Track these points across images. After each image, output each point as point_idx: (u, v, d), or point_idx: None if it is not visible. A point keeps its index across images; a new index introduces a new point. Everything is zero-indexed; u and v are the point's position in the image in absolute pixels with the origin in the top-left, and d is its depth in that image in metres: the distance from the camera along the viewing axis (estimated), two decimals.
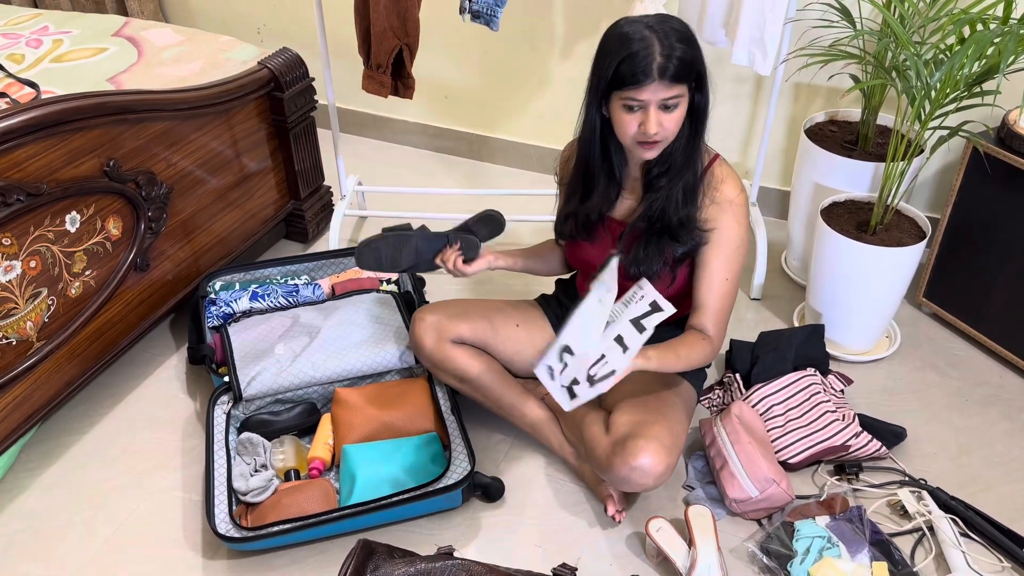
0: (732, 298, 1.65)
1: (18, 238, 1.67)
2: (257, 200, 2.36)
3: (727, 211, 1.60)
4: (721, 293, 1.62)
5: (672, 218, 1.58)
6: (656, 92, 1.44)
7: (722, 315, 1.64)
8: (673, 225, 1.59)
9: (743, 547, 1.67)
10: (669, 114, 1.47)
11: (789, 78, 2.44)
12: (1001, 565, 1.64)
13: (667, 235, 1.60)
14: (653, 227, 1.61)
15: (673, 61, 1.41)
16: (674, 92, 1.45)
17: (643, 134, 1.48)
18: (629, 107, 1.46)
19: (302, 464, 1.81)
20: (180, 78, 2.14)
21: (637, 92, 1.44)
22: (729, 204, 1.60)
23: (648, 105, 1.45)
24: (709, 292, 1.62)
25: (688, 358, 1.58)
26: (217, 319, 2.07)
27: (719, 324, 1.63)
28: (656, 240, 1.61)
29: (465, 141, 3.03)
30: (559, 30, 2.66)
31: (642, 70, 1.41)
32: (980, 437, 1.92)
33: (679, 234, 1.59)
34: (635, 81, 1.42)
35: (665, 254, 1.61)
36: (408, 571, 1.45)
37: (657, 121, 1.46)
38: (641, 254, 1.62)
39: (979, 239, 2.06)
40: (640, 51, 1.41)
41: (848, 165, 2.12)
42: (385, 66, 2.15)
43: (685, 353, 1.58)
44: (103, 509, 1.78)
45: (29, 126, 1.63)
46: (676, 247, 1.60)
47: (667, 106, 1.46)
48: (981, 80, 1.79)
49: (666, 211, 1.58)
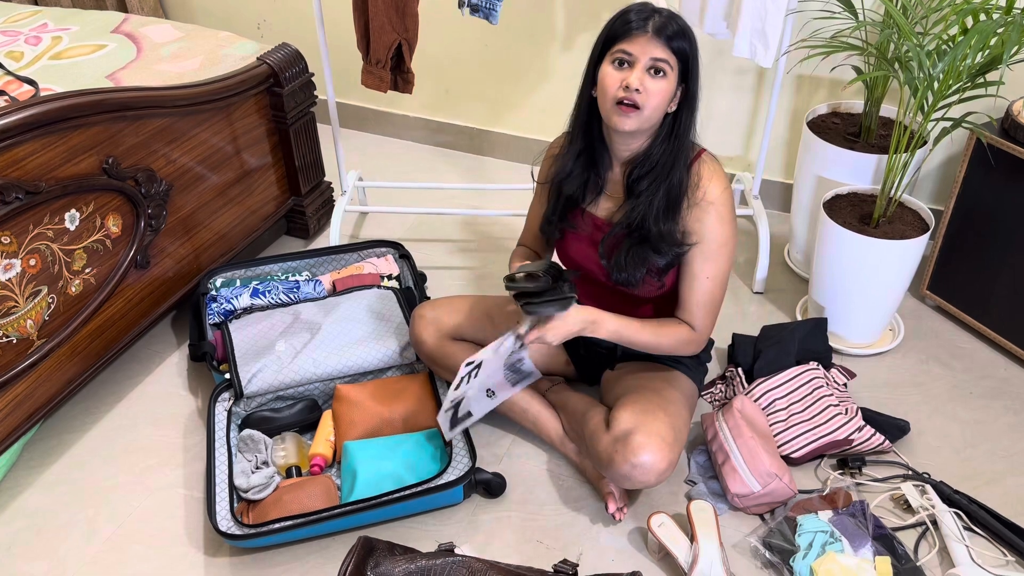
0: (717, 295, 1.63)
1: (17, 236, 1.67)
2: (257, 196, 2.36)
3: (709, 212, 1.56)
4: (703, 291, 1.61)
5: (652, 229, 1.56)
6: (647, 47, 1.43)
7: (706, 311, 1.63)
8: (652, 236, 1.56)
9: (745, 542, 1.66)
10: (654, 80, 1.45)
11: (791, 70, 2.42)
12: (1005, 559, 1.63)
13: (647, 244, 1.58)
14: (633, 235, 1.59)
15: (670, 24, 1.44)
16: (665, 55, 1.44)
17: (625, 89, 1.45)
18: (619, 62, 1.46)
19: (303, 461, 1.81)
20: (179, 74, 2.14)
21: (628, 44, 1.45)
22: (711, 205, 1.56)
23: (636, 61, 1.45)
24: (691, 291, 1.62)
25: (660, 334, 1.62)
26: (218, 316, 2.07)
27: (704, 320, 1.63)
28: (637, 248, 1.59)
29: (466, 135, 3.02)
30: (559, 24, 2.64)
31: (636, 23, 1.44)
32: (984, 431, 1.91)
33: (659, 246, 1.57)
34: (627, 31, 1.45)
35: (647, 263, 1.59)
36: (409, 568, 1.45)
37: (641, 79, 1.44)
38: (623, 261, 1.60)
39: (983, 231, 2.05)
40: (637, 8, 1.45)
41: (851, 157, 2.11)
42: (384, 61, 2.14)
43: (659, 330, 1.63)
44: (105, 507, 1.78)
45: (28, 124, 1.63)
46: (657, 259, 1.59)
47: (656, 69, 1.45)
48: (984, 71, 1.78)
49: (646, 221, 1.56)
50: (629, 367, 1.80)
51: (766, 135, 2.30)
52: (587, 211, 1.66)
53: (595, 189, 1.64)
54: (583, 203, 1.66)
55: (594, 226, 1.66)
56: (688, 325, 1.64)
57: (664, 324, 1.64)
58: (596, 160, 1.62)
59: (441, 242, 2.57)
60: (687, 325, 1.64)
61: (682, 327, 1.64)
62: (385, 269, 2.24)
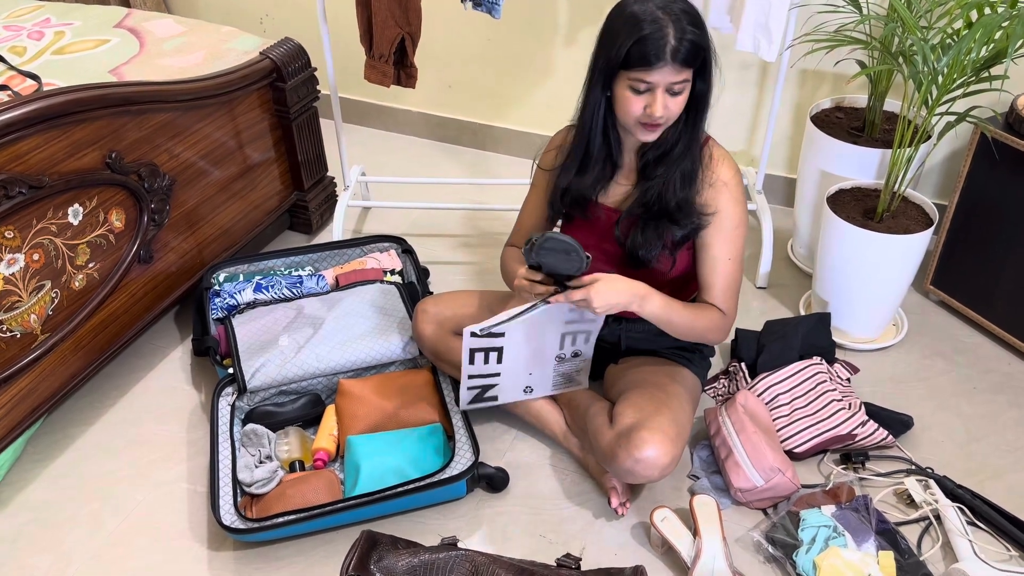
0: (738, 276, 1.66)
1: (21, 231, 1.67)
2: (260, 191, 2.36)
3: (723, 193, 1.60)
4: (726, 272, 1.63)
5: (670, 201, 1.58)
6: (666, 75, 1.43)
7: (730, 292, 1.65)
8: (671, 208, 1.59)
9: (748, 536, 1.66)
10: (674, 98, 1.47)
11: (795, 64, 2.41)
12: (1009, 554, 1.63)
13: (665, 218, 1.60)
14: (651, 211, 1.61)
15: (685, 44, 1.41)
16: (683, 76, 1.45)
17: (648, 116, 1.47)
18: (636, 89, 1.46)
19: (307, 455, 1.81)
20: (182, 69, 2.14)
21: (647, 74, 1.43)
22: (724, 185, 1.60)
23: (656, 87, 1.45)
24: (714, 273, 1.64)
25: (697, 317, 1.62)
26: (221, 311, 2.07)
27: (728, 301, 1.65)
28: (655, 224, 1.61)
29: (468, 130, 3.02)
30: (562, 18, 2.64)
31: (655, 52, 1.41)
32: (988, 425, 1.91)
33: (678, 217, 1.60)
34: (647, 63, 1.42)
35: (664, 238, 1.61)
36: (412, 562, 1.45)
37: (663, 104, 1.46)
38: (640, 238, 1.62)
39: (987, 226, 2.04)
40: (653, 33, 1.41)
41: (854, 152, 2.10)
42: (387, 55, 2.14)
43: (697, 313, 1.62)
44: (109, 501, 1.78)
45: (31, 118, 1.63)
46: (675, 230, 1.60)
47: (674, 91, 1.46)
48: (989, 65, 1.77)
49: (663, 195, 1.58)
50: (632, 362, 1.80)
51: (770, 129, 2.30)
52: (598, 201, 1.67)
53: (607, 179, 1.66)
54: (593, 195, 1.66)
55: (606, 214, 1.68)
56: (717, 309, 1.65)
57: (699, 307, 1.65)
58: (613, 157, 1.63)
59: (444, 237, 2.57)
60: (716, 308, 1.65)
61: (714, 311, 1.64)
62: (388, 264, 2.24)
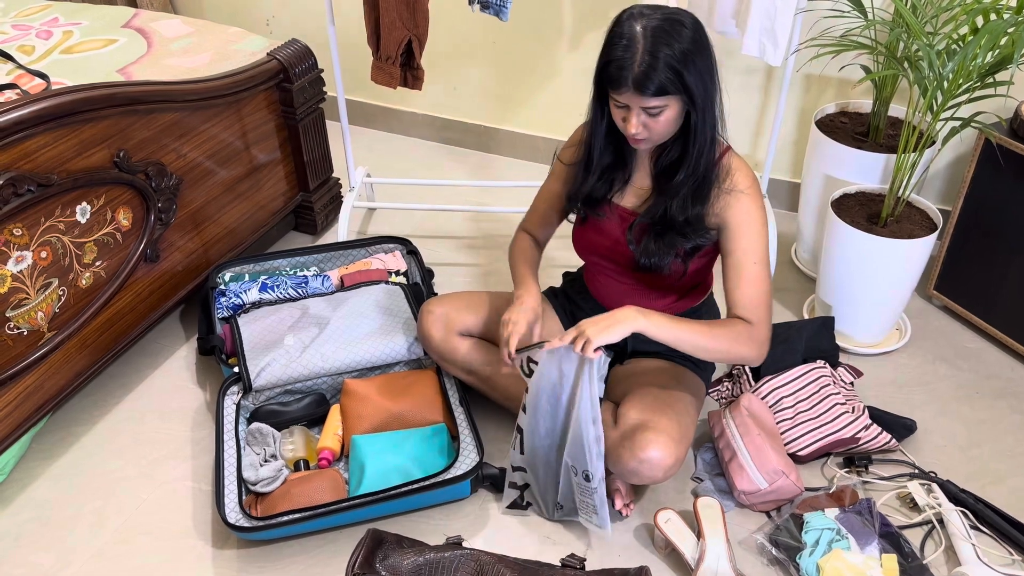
0: (767, 282, 1.57)
1: (29, 229, 1.68)
2: (266, 191, 2.36)
3: (740, 199, 1.57)
4: (750, 277, 1.56)
5: (679, 217, 1.57)
6: (635, 100, 1.43)
7: (760, 300, 1.55)
8: (679, 223, 1.58)
9: (752, 539, 1.66)
10: (654, 118, 1.45)
11: (800, 69, 2.42)
12: (1011, 558, 1.63)
13: (674, 231, 1.59)
14: (660, 222, 1.60)
15: (651, 77, 1.39)
16: (653, 103, 1.43)
17: (626, 131, 1.49)
18: (616, 103, 1.47)
19: (311, 454, 1.81)
20: (189, 69, 2.15)
21: (618, 94, 1.44)
22: (742, 193, 1.57)
23: (631, 109, 1.45)
24: (738, 278, 1.56)
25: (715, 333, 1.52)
26: (227, 310, 2.08)
27: (758, 310, 1.55)
28: (665, 235, 1.60)
29: (473, 133, 3.02)
30: (568, 21, 2.65)
31: (618, 78, 1.41)
32: (991, 430, 1.91)
33: (686, 231, 1.58)
34: (614, 85, 1.43)
35: (675, 248, 1.61)
36: (417, 561, 1.45)
37: (639, 123, 1.46)
38: (652, 247, 1.61)
39: (991, 231, 2.05)
40: (623, 57, 1.40)
41: (859, 157, 2.11)
42: (394, 57, 2.15)
43: (713, 329, 1.52)
44: (113, 499, 1.79)
45: (39, 117, 1.64)
46: (684, 243, 1.60)
47: (651, 113, 1.45)
48: (994, 71, 1.78)
49: (674, 210, 1.57)
50: (638, 363, 1.80)
51: (774, 134, 2.30)
52: (614, 202, 1.68)
53: (622, 181, 1.66)
54: (610, 195, 1.67)
55: (620, 215, 1.67)
56: (743, 320, 1.56)
57: (719, 321, 1.57)
58: (625, 160, 1.63)
59: (448, 238, 2.58)
60: (742, 320, 1.56)
61: (739, 323, 1.55)
62: (393, 265, 2.25)
